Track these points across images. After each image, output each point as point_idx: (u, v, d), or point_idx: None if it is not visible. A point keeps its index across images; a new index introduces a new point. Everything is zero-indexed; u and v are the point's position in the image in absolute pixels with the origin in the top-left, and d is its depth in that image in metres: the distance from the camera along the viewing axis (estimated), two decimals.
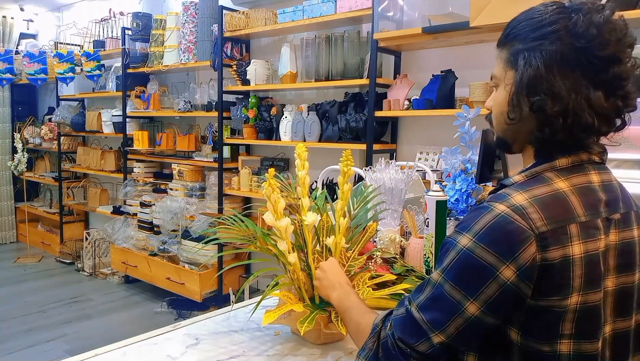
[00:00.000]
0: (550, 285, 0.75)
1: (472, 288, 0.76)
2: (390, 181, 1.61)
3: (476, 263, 0.75)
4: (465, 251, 0.77)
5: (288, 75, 3.36)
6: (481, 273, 0.75)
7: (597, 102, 0.77)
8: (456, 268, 0.78)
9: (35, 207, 6.08)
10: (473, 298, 0.76)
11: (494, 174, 1.63)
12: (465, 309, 0.76)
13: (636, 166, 1.54)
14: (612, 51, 0.77)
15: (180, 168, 4.19)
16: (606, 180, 0.84)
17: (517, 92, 0.82)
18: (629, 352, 0.86)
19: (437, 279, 0.80)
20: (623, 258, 0.83)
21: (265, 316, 1.05)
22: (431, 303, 0.80)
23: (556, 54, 0.78)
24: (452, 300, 0.77)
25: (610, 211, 0.82)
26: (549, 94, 0.78)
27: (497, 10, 2.16)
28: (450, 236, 0.81)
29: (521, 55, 0.81)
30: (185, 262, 4.02)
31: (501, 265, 0.74)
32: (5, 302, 4.22)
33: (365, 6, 2.85)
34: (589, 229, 0.78)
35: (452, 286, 0.77)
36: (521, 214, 0.75)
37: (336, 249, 1.16)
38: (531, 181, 0.81)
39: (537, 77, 0.79)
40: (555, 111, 0.78)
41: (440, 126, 2.87)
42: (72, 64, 4.76)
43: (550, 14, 0.80)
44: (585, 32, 0.77)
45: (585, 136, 0.80)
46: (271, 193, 1.08)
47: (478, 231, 0.76)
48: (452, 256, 0.78)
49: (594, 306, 0.77)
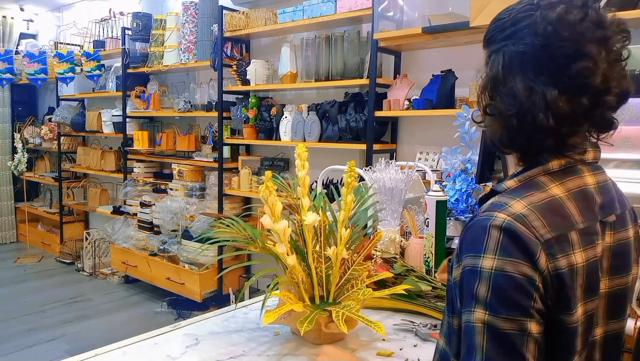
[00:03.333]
0: (567, 296, 0.71)
1: (524, 308, 0.68)
2: (390, 181, 1.61)
3: (514, 279, 0.68)
4: (496, 273, 0.69)
5: (288, 75, 3.36)
6: (523, 287, 0.68)
7: (552, 101, 0.72)
8: (497, 296, 0.68)
9: (35, 207, 6.08)
10: (530, 317, 0.68)
11: (494, 174, 1.63)
12: (530, 333, 0.68)
13: (636, 166, 1.54)
14: (571, 48, 0.72)
15: (180, 168, 4.19)
16: (601, 181, 0.81)
17: (481, 94, 0.81)
18: (621, 353, 0.84)
19: (483, 319, 0.69)
20: (617, 259, 0.80)
21: (265, 316, 1.05)
22: (495, 352, 0.68)
23: (517, 54, 0.75)
24: (514, 333, 0.68)
25: (605, 213, 0.79)
26: (506, 96, 0.76)
27: (497, 10, 2.15)
28: (467, 265, 0.72)
29: (490, 58, 0.80)
30: (185, 262, 4.02)
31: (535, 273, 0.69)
32: (5, 302, 4.22)
33: (365, 6, 2.85)
34: (588, 235, 0.74)
35: (505, 318, 0.68)
36: (523, 223, 0.70)
37: (337, 259, 1.15)
38: (525, 187, 0.77)
39: (496, 78, 0.77)
40: (510, 113, 0.75)
41: (440, 126, 2.87)
42: (72, 64, 4.76)
43: (516, 13, 0.77)
44: (543, 30, 0.73)
45: (542, 137, 0.75)
46: (268, 195, 1.06)
47: (495, 247, 0.69)
48: (485, 286, 0.69)
49: (591, 315, 0.75)
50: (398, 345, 1.17)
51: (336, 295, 1.19)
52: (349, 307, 1.09)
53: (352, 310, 1.09)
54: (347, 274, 1.19)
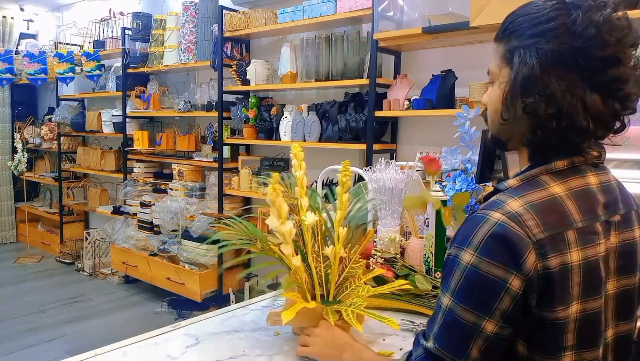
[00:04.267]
0: (552, 295, 0.72)
1: (485, 306, 0.72)
2: (390, 181, 1.61)
3: (484, 279, 0.72)
4: (471, 268, 0.73)
5: (288, 75, 3.36)
6: (492, 288, 0.72)
7: (593, 105, 0.73)
8: (464, 288, 0.74)
9: (35, 207, 6.07)
10: (489, 316, 0.73)
11: (494, 174, 1.62)
12: (483, 329, 0.73)
13: (636, 166, 1.54)
14: (611, 52, 0.73)
15: (180, 168, 4.19)
16: (605, 181, 0.81)
17: (511, 92, 0.79)
18: (631, 355, 0.84)
19: (447, 304, 0.76)
20: (623, 259, 0.80)
21: (284, 315, 1.02)
22: (446, 332, 0.76)
23: (552, 53, 0.74)
24: (467, 324, 0.74)
25: (609, 213, 0.79)
26: (543, 95, 0.74)
27: (497, 10, 2.16)
28: (451, 253, 0.77)
29: (517, 53, 0.78)
30: (185, 262, 4.02)
31: (509, 276, 0.71)
32: (5, 302, 4.22)
33: (365, 6, 2.85)
34: (587, 235, 0.75)
35: (465, 309, 0.74)
36: (517, 222, 0.72)
37: (335, 258, 1.15)
38: (526, 185, 0.78)
39: (531, 77, 0.76)
40: (548, 113, 0.74)
41: (440, 126, 2.87)
42: (72, 64, 4.76)
43: (549, 9, 0.76)
44: (583, 32, 0.72)
45: (580, 139, 0.77)
46: (275, 197, 1.06)
47: (478, 244, 0.73)
48: (458, 276, 0.75)
49: (594, 313, 0.75)
50: (398, 345, 1.17)
51: (335, 293, 1.19)
52: (357, 304, 1.09)
53: (360, 306, 1.08)
54: (345, 272, 1.20)
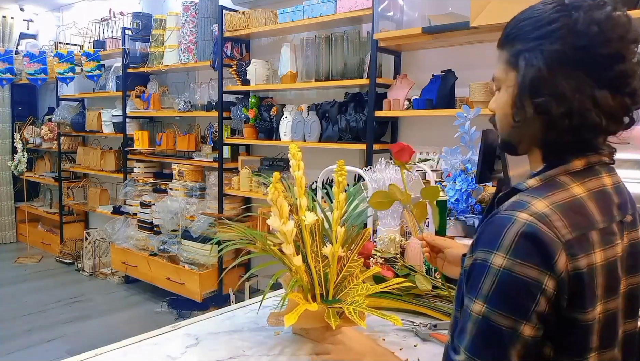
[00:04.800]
0: (583, 296, 0.72)
1: (522, 309, 0.71)
2: (390, 181, 1.61)
3: (519, 281, 0.70)
4: (504, 271, 0.71)
5: (288, 75, 3.36)
6: (528, 290, 0.70)
7: (603, 101, 0.74)
8: (499, 292, 0.72)
9: (35, 207, 6.07)
10: (526, 320, 0.71)
11: (494, 174, 1.63)
12: (521, 333, 0.71)
13: (636, 166, 1.54)
14: (615, 49, 0.74)
15: (180, 168, 4.19)
16: (617, 182, 0.83)
17: (520, 93, 0.79)
18: (635, 354, 0.85)
19: (480, 311, 0.73)
20: (631, 259, 0.81)
21: (287, 318, 1.02)
22: (482, 341, 0.73)
23: (557, 53, 0.75)
24: (504, 329, 0.71)
25: (622, 213, 0.81)
26: (552, 94, 0.75)
27: (497, 10, 2.16)
28: (478, 257, 0.75)
29: (522, 56, 0.79)
30: (185, 262, 4.02)
31: (544, 277, 0.70)
32: (5, 302, 4.22)
33: (365, 6, 2.85)
34: (608, 235, 0.76)
35: (500, 314, 0.71)
36: (546, 223, 0.71)
37: (334, 258, 1.16)
38: (547, 186, 0.78)
39: (539, 77, 0.76)
40: (560, 112, 0.75)
41: (440, 126, 2.87)
42: (72, 64, 4.76)
43: (550, 12, 0.77)
44: (586, 30, 0.74)
45: (593, 136, 0.78)
46: (277, 197, 1.06)
47: (509, 246, 0.71)
48: (490, 280, 0.72)
49: (613, 313, 0.76)
50: (398, 345, 1.17)
51: (335, 293, 1.19)
52: (358, 303, 1.09)
53: (362, 305, 1.08)
54: (344, 272, 1.20)
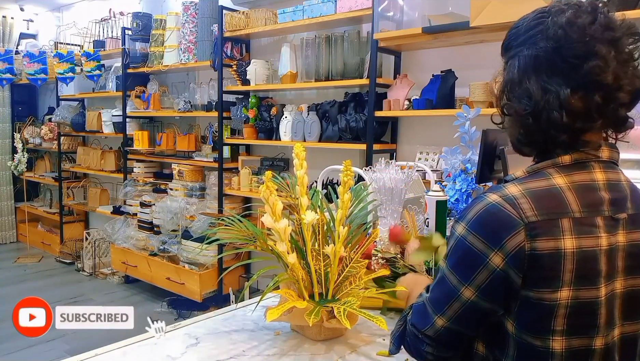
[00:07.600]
0: (540, 276, 0.77)
1: (466, 273, 0.81)
2: (390, 181, 1.61)
3: (468, 249, 0.81)
4: (460, 238, 0.82)
5: (288, 75, 3.36)
6: (473, 259, 0.80)
7: (565, 99, 0.78)
8: (453, 254, 0.84)
9: (35, 207, 6.08)
10: (467, 283, 0.81)
11: (494, 174, 1.63)
12: (461, 293, 0.82)
13: (636, 166, 1.54)
14: (581, 49, 0.78)
15: (180, 168, 4.19)
16: (613, 179, 0.83)
17: (499, 98, 0.88)
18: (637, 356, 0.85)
19: (442, 265, 0.87)
20: (631, 260, 0.82)
21: (269, 313, 1.05)
22: (436, 285, 0.87)
23: (530, 58, 0.81)
24: (450, 284, 0.83)
25: (615, 210, 0.81)
26: (519, 97, 0.82)
27: (497, 10, 2.16)
28: (452, 225, 0.87)
29: (508, 64, 0.87)
30: (185, 262, 4.02)
31: (490, 252, 0.78)
32: (5, 302, 4.21)
33: (365, 6, 2.85)
34: (584, 225, 0.78)
35: (450, 271, 0.83)
36: (512, 204, 0.79)
37: (335, 257, 1.16)
38: (531, 176, 0.84)
39: (510, 81, 0.84)
40: (526, 112, 0.81)
41: (440, 126, 2.87)
42: (72, 64, 4.76)
43: (530, 20, 0.84)
44: (554, 34, 0.79)
45: (561, 134, 0.80)
46: (269, 195, 1.08)
47: (470, 219, 0.81)
48: (451, 243, 0.84)
49: (587, 302, 0.78)
50: None
51: (335, 292, 1.19)
52: (350, 303, 1.10)
53: (353, 305, 1.09)
54: (345, 272, 1.20)
